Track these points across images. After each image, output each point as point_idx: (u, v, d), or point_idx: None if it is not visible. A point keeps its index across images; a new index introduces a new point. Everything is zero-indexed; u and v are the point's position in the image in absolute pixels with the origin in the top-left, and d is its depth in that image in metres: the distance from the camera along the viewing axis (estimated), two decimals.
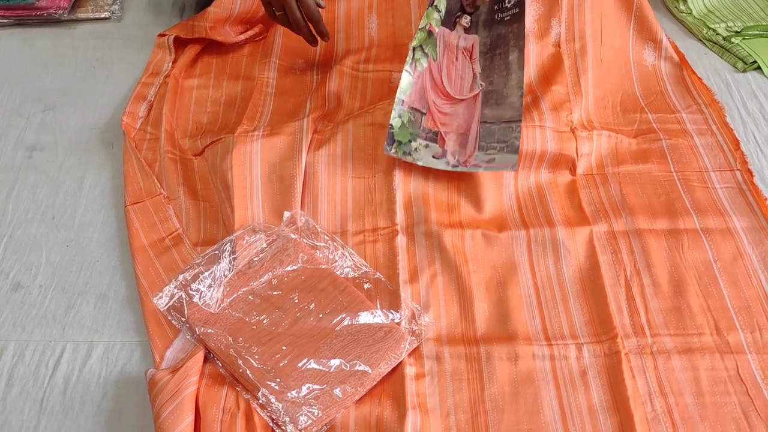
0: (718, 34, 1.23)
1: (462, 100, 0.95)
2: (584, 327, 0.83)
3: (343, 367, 0.79)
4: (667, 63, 1.14)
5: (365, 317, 0.83)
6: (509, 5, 0.96)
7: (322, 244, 0.91)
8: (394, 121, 0.92)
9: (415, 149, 0.91)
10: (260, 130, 1.01)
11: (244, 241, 0.90)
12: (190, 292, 0.85)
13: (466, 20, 0.99)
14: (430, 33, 0.96)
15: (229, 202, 0.95)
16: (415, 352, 0.82)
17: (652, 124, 1.06)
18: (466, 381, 0.79)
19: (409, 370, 0.80)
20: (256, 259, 0.89)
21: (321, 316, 0.84)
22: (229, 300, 0.85)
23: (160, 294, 0.85)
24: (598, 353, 0.81)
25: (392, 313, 0.84)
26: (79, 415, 0.79)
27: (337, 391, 0.77)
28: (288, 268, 0.88)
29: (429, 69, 0.95)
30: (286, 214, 0.93)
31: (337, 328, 0.82)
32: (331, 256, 0.89)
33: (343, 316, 0.83)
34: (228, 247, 0.89)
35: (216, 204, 0.98)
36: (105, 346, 0.85)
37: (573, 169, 0.99)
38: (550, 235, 0.90)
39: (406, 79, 0.94)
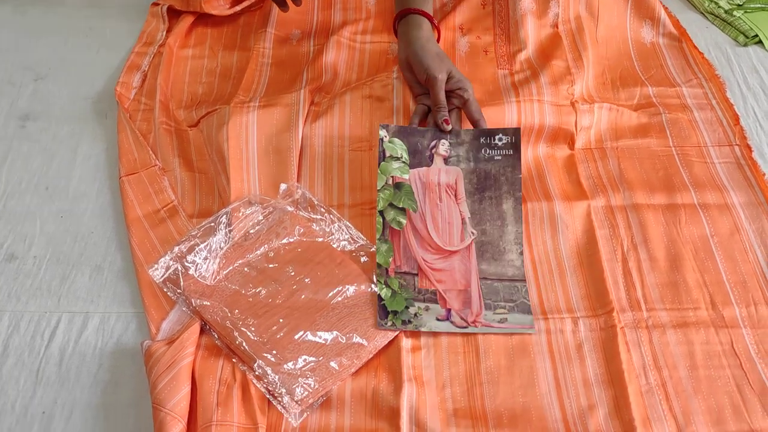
0: (720, 7, 1.22)
1: (454, 252, 0.86)
2: (581, 301, 0.83)
3: (340, 339, 0.79)
4: (666, 39, 1.13)
5: (361, 290, 0.84)
6: (500, 143, 0.90)
7: (319, 216, 0.90)
8: (383, 292, 0.83)
9: (415, 315, 0.82)
10: (256, 101, 1.00)
11: (240, 214, 0.90)
12: (186, 264, 0.85)
13: (444, 147, 0.90)
14: (398, 185, 0.89)
15: (224, 173, 0.94)
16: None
17: (652, 98, 1.05)
18: (461, 354, 0.80)
19: (405, 343, 0.80)
20: (252, 231, 0.89)
21: (317, 289, 0.84)
22: (225, 272, 0.85)
23: (156, 266, 0.85)
24: (594, 327, 0.81)
25: None
26: (75, 386, 0.79)
27: (334, 364, 0.77)
28: (284, 241, 0.88)
29: (409, 223, 0.86)
30: (283, 186, 0.93)
31: (334, 301, 0.83)
32: (327, 229, 0.89)
33: (340, 288, 0.83)
34: (224, 219, 0.89)
35: (212, 176, 0.98)
36: (101, 317, 0.85)
37: (572, 144, 0.98)
38: (548, 209, 0.90)
39: (383, 247, 0.86)
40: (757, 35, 1.17)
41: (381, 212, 0.87)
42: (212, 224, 0.88)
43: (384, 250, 0.85)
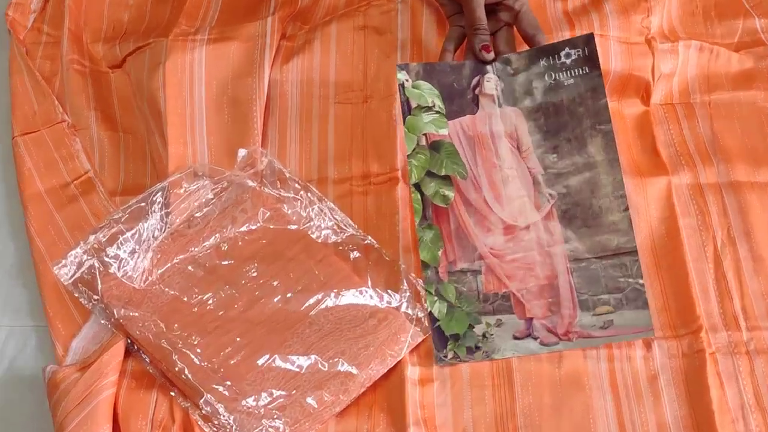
0: None
1: (528, 227, 0.86)
2: (656, 316, 0.83)
3: (320, 366, 0.79)
4: None
5: (351, 298, 0.84)
6: (569, 61, 0.89)
7: (292, 195, 0.91)
8: (435, 307, 0.84)
9: (484, 336, 0.83)
10: (205, 32, 1.00)
11: (182, 190, 0.90)
12: (106, 259, 0.85)
13: (491, 84, 0.90)
14: (435, 145, 0.89)
15: (160, 133, 0.94)
16: (421, 348, 0.83)
17: (759, 34, 1.05)
18: (490, 388, 0.80)
19: (412, 373, 0.80)
20: (198, 214, 0.89)
21: (289, 295, 0.84)
22: (160, 271, 0.86)
23: (64, 261, 0.85)
24: (673, 352, 0.81)
25: (389, 294, 0.85)
26: None
27: (311, 400, 0.78)
28: (243, 229, 0.88)
29: (459, 196, 0.87)
30: (242, 152, 0.93)
31: (312, 313, 0.83)
32: (304, 213, 0.89)
33: (321, 296, 0.84)
34: (159, 197, 0.89)
35: (142, 137, 0.97)
36: None
37: (646, 97, 0.98)
38: None
39: (428, 235, 0.86)
40: None
41: (417, 186, 0.88)
42: (143, 204, 0.88)
43: (429, 240, 0.86)
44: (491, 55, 0.90)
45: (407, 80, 0.90)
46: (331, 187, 0.93)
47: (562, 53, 0.89)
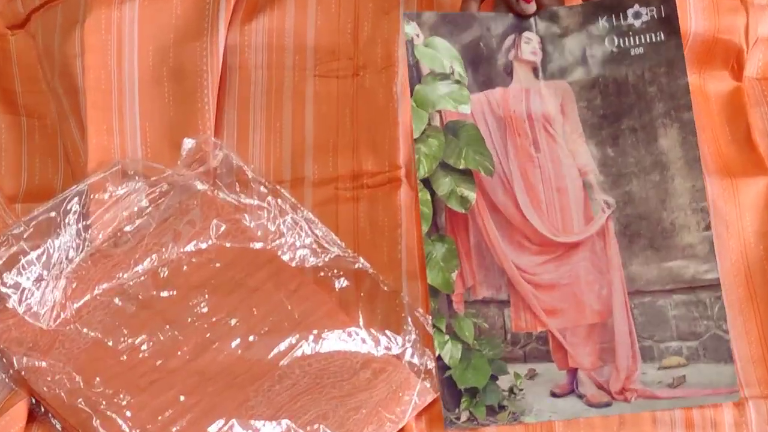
0: None
1: (575, 245, 0.86)
2: (750, 367, 0.84)
3: None
4: None
5: (336, 342, 0.84)
6: (639, 24, 0.89)
7: (256, 202, 0.91)
8: (446, 351, 0.84)
9: (512, 392, 0.83)
10: None
11: (107, 195, 0.90)
12: (3, 289, 0.85)
13: (531, 46, 0.89)
14: (453, 127, 0.88)
15: (77, 118, 0.95)
16: (432, 410, 0.83)
17: None
18: None
19: None
20: (129, 228, 0.90)
21: (252, 339, 0.84)
22: (76, 306, 0.86)
23: None
24: None
25: (388, 336, 0.85)
26: None
27: None
28: (190, 248, 0.89)
29: (483, 199, 0.88)
30: (188, 143, 0.93)
31: (283, 363, 0.83)
32: (272, 227, 0.90)
33: (295, 339, 0.84)
34: (75, 205, 0.89)
35: (53, 122, 0.98)
36: None
37: (738, 69, 0.99)
38: None
39: (439, 250, 0.86)
40: None
41: (426, 182, 0.88)
42: (53, 215, 0.89)
43: (440, 258, 0.86)
44: (532, 6, 0.89)
45: (417, 36, 0.89)
46: (310, 192, 0.94)
47: (630, 12, 0.89)
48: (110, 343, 0.84)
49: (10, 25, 1.04)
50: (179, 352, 0.84)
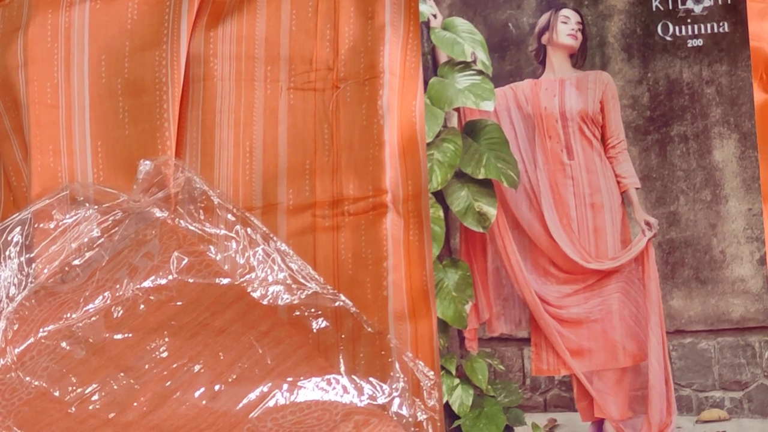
0: None
1: (608, 273, 0.86)
2: None
3: None
4: None
5: (314, 392, 0.82)
6: (699, 10, 0.86)
7: (223, 231, 0.89)
8: (455, 396, 0.84)
9: None
10: None
11: (53, 224, 0.88)
12: None
13: (570, 27, 0.86)
14: (472, 128, 0.87)
15: (19, 137, 0.93)
16: None
17: None
18: None
19: None
20: (78, 262, 0.88)
21: (218, 387, 0.82)
22: (18, 350, 0.84)
23: None
24: None
25: (373, 384, 0.83)
26: None
27: None
28: (147, 284, 0.87)
29: (504, 216, 0.86)
30: (145, 164, 0.91)
31: (254, 415, 0.81)
32: (241, 260, 0.88)
33: (267, 388, 0.82)
34: (17, 235, 0.87)
35: None
36: None
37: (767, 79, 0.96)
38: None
39: (452, 277, 0.85)
40: None
41: (440, 196, 0.86)
42: None
43: (453, 287, 0.85)
44: None
45: (434, 16, 0.87)
46: (284, 220, 0.92)
47: None
48: (57, 394, 0.83)
49: None
50: (135, 404, 0.82)
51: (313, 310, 0.86)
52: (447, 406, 0.82)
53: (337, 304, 0.86)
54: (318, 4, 0.97)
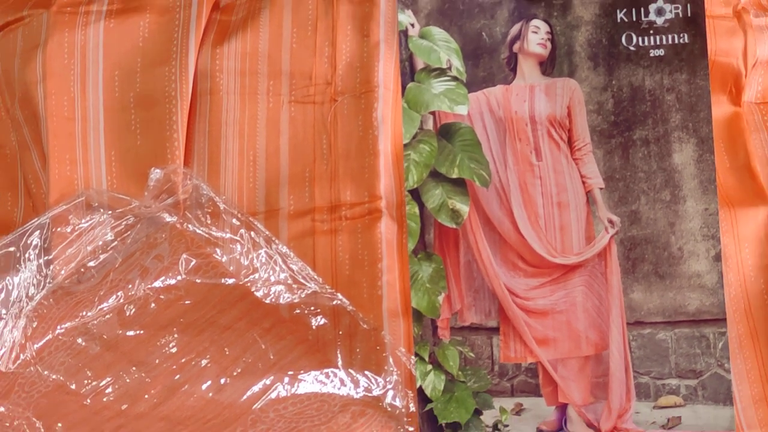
0: None
1: (573, 267, 0.86)
2: (751, 409, 0.85)
3: None
4: None
5: (313, 384, 0.84)
6: (661, 22, 0.87)
7: (228, 235, 0.91)
8: (428, 381, 0.85)
9: (496, 428, 0.84)
10: (104, 2, 1.01)
11: (69, 229, 0.91)
12: None
13: (539, 37, 0.86)
14: (447, 130, 0.87)
15: (39, 147, 0.95)
16: None
17: None
18: None
19: None
20: (93, 264, 0.90)
21: (224, 381, 0.84)
22: (37, 346, 0.86)
23: None
24: None
25: (368, 378, 0.85)
26: None
27: None
28: (157, 284, 0.89)
29: (476, 213, 0.87)
30: (155, 173, 0.93)
31: (257, 406, 0.83)
32: (245, 261, 0.90)
33: (269, 381, 0.84)
34: (36, 239, 0.89)
35: (12, 151, 0.99)
36: None
37: (736, 93, 0.98)
38: None
39: (425, 270, 0.86)
40: None
41: (416, 194, 0.87)
42: (11, 249, 0.89)
43: (427, 279, 0.86)
44: None
45: (412, 25, 0.88)
46: (285, 224, 0.94)
47: (653, 7, 0.87)
48: (73, 386, 0.84)
49: None
50: (146, 396, 0.84)
51: (312, 308, 0.88)
52: (420, 391, 0.83)
53: (334, 302, 0.88)
54: (317, 23, 0.99)
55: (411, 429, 0.83)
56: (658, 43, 0.86)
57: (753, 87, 1.00)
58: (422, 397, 0.84)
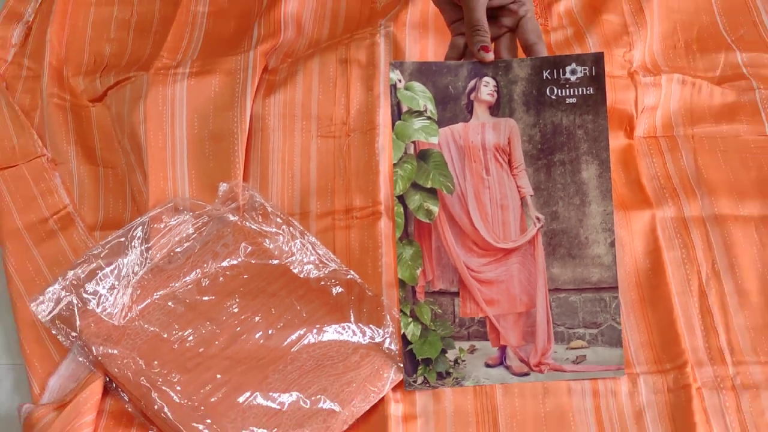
0: None
1: (511, 250, 0.83)
2: (641, 351, 0.84)
3: (302, 403, 0.79)
4: None
5: (333, 334, 0.84)
6: (574, 78, 0.84)
7: (274, 229, 0.91)
8: (409, 329, 0.82)
9: (456, 362, 0.82)
10: (186, 66, 1.01)
11: (163, 225, 0.90)
12: (85, 295, 0.85)
13: (488, 89, 0.84)
14: (424, 154, 0.84)
15: (140, 168, 0.94)
16: (404, 385, 0.83)
17: (741, 69, 1.06)
18: (474, 425, 0.80)
19: (395, 410, 0.80)
20: (179, 249, 0.89)
21: (270, 331, 0.84)
22: (140, 307, 0.85)
23: (41, 298, 0.85)
24: (659, 387, 0.82)
25: (372, 329, 0.85)
26: None
27: None
28: (224, 264, 0.88)
29: (444, 212, 0.85)
30: (223, 186, 0.93)
31: (294, 349, 0.83)
32: (286, 248, 0.90)
33: (302, 332, 0.84)
34: (139, 232, 0.89)
35: (122, 171, 0.98)
36: None
37: (630, 130, 0.99)
38: None
39: (407, 252, 0.84)
40: None
41: (401, 198, 0.85)
42: (122, 240, 0.88)
43: (409, 257, 0.84)
44: (490, 55, 0.84)
45: (400, 81, 0.85)
46: (314, 222, 0.93)
47: (568, 68, 0.84)
48: (165, 336, 0.84)
49: (91, 99, 1.04)
50: (216, 342, 0.84)
51: (333, 281, 0.88)
52: (403, 336, 0.82)
53: (348, 277, 0.88)
54: (336, 81, 0.99)
55: (401, 365, 0.83)
56: (571, 93, 0.83)
57: (642, 126, 1.00)
58: (405, 341, 0.82)
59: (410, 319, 0.83)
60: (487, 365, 0.82)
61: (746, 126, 1.01)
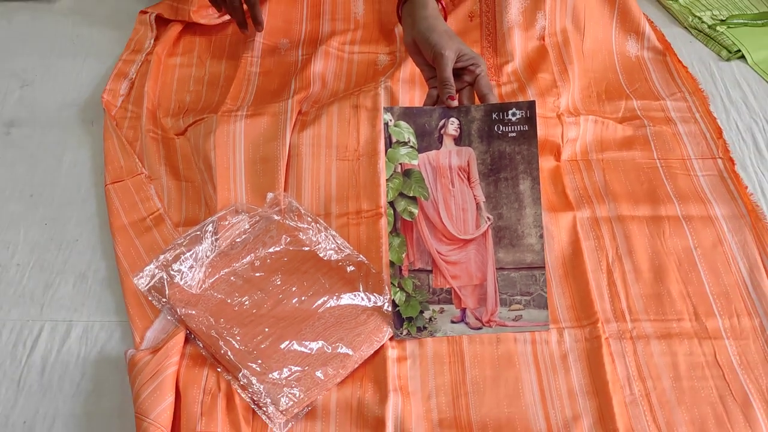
0: (703, 22, 1.23)
1: (469, 240, 0.82)
2: (566, 311, 0.84)
3: (325, 349, 0.79)
4: (650, 53, 1.15)
5: (348, 300, 0.84)
6: (514, 119, 0.82)
7: (306, 225, 0.90)
8: (397, 296, 0.81)
9: (430, 319, 0.81)
10: (244, 110, 1.01)
11: (227, 222, 0.90)
12: (172, 272, 0.85)
13: (453, 126, 0.83)
14: (407, 172, 0.83)
15: (211, 182, 0.94)
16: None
17: (636, 111, 1.06)
18: (447, 364, 0.80)
19: (391, 353, 0.80)
20: (238, 240, 0.89)
21: (303, 298, 0.84)
22: (210, 281, 0.85)
23: (141, 274, 0.85)
24: (578, 338, 0.82)
25: (375, 297, 0.84)
26: (58, 396, 0.78)
27: (319, 373, 0.77)
28: (270, 250, 0.88)
29: (421, 213, 0.83)
30: (270, 195, 0.93)
31: (320, 311, 0.83)
32: (314, 239, 0.89)
33: (326, 298, 0.84)
34: (210, 227, 0.89)
35: (198, 184, 0.98)
36: (84, 326, 0.84)
37: (558, 155, 0.99)
38: None
39: (396, 241, 0.82)
40: (739, 50, 1.18)
41: (392, 204, 0.83)
42: (198, 233, 0.88)
43: (397, 245, 0.83)
44: (455, 103, 0.84)
45: (390, 120, 0.84)
46: (334, 220, 0.93)
47: (510, 112, 0.83)
48: (229, 301, 0.84)
49: (176, 133, 1.04)
50: (265, 306, 0.83)
51: (347, 262, 0.87)
52: (393, 301, 0.81)
53: (359, 259, 0.87)
54: (350, 120, 0.99)
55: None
56: (513, 130, 0.82)
57: (566, 152, 1.00)
58: (394, 304, 0.81)
59: (398, 289, 0.82)
60: (452, 321, 0.81)
61: (640, 152, 1.01)
